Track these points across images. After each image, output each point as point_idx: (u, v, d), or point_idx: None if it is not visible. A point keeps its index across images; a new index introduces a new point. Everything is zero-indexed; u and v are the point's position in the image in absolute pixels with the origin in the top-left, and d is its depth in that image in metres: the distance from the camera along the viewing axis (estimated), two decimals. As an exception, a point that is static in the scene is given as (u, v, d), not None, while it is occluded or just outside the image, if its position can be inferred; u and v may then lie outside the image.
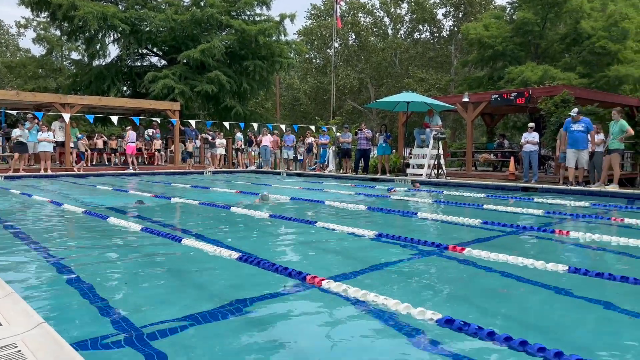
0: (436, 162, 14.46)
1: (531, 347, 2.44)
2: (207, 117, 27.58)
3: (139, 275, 4.02)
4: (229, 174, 18.84)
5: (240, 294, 3.45)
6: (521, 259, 4.33)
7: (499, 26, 25.31)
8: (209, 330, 2.79)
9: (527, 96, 14.23)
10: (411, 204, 9.10)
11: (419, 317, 2.89)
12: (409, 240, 5.23)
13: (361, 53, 42.48)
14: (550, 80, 18.95)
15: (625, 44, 22.24)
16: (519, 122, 24.62)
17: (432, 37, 44.33)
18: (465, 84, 26.99)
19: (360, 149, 16.73)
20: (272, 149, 20.33)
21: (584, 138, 11.60)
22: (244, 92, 27.30)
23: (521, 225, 6.37)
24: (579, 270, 4.01)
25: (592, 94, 15.87)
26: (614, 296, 3.51)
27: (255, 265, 4.15)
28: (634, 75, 21.18)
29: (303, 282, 3.65)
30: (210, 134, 20.71)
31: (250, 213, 7.43)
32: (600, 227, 6.64)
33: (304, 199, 9.64)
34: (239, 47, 26.48)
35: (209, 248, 4.75)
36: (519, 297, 3.63)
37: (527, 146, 13.07)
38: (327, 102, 39.58)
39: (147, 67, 28.73)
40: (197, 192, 11.45)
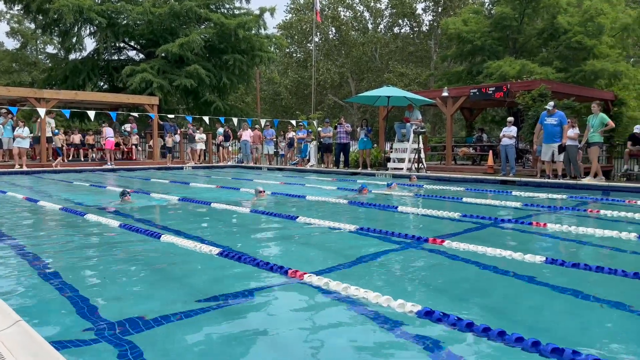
0: (416, 156, 14.56)
1: (509, 337, 2.48)
2: (187, 111, 27.33)
3: (117, 272, 3.97)
4: (210, 169, 18.70)
5: (220, 289, 3.44)
6: (499, 250, 4.40)
7: (477, 21, 25.52)
8: (189, 325, 2.77)
9: (505, 90, 14.39)
10: (391, 198, 9.15)
11: (399, 309, 2.92)
12: (389, 234, 5.27)
13: (342, 47, 42.44)
14: (527, 75, 19.18)
15: (600, 39, 22.64)
16: (498, 117, 24.91)
17: (412, 31, 44.50)
18: (444, 79, 27.18)
19: (339, 143, 16.73)
20: (252, 144, 20.22)
21: (558, 132, 11.73)
22: (223, 86, 27.09)
23: (499, 218, 6.46)
24: (555, 261, 4.09)
25: (568, 88, 16.13)
26: (589, 286, 3.59)
27: (236, 261, 4.13)
28: (608, 70, 21.58)
29: (285, 277, 3.65)
30: (191, 128, 20.51)
31: (231, 208, 7.39)
32: (576, 219, 6.77)
33: (285, 193, 9.62)
34: (218, 41, 26.24)
35: (189, 244, 4.71)
36: (497, 288, 3.69)
37: (504, 140, 13.23)
38: (308, 96, 39.49)
39: (124, 61, 28.29)
40: (177, 188, 11.34)
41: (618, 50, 24.10)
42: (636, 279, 3.65)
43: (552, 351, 2.32)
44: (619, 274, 3.76)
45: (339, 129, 16.65)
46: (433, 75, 33.37)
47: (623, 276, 3.72)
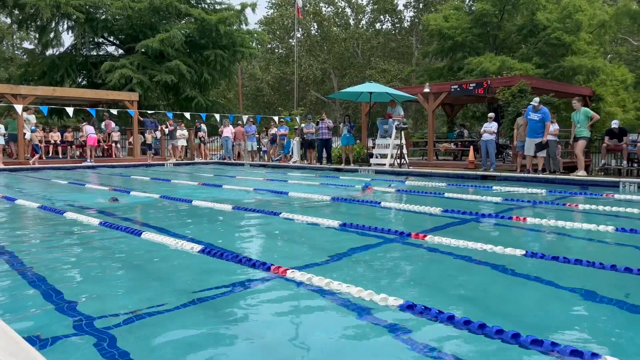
0: (399, 152, 14.64)
1: (489, 329, 2.51)
2: (167, 107, 27.03)
3: (97, 269, 3.91)
4: (191, 166, 18.54)
5: (202, 286, 3.41)
6: (480, 244, 4.44)
7: (458, 17, 25.71)
8: (170, 322, 2.75)
9: (485, 86, 14.53)
10: (375, 194, 9.18)
11: (382, 303, 2.93)
12: (372, 229, 5.29)
13: (324, 43, 42.42)
14: (507, 71, 19.41)
15: (578, 35, 22.99)
16: (478, 112, 25.17)
17: (394, 27, 44.67)
18: (426, 75, 27.36)
19: (321, 139, 16.70)
20: (235, 140, 20.09)
21: (540, 127, 11.86)
22: (204, 82, 26.85)
23: (480, 212, 6.53)
24: (535, 254, 4.15)
25: (547, 84, 16.35)
26: (569, 278, 3.65)
27: (218, 258, 4.11)
28: (586, 66, 21.95)
29: (267, 273, 3.64)
30: (172, 124, 20.29)
31: (212, 205, 7.34)
32: (555, 213, 6.88)
33: (267, 190, 9.59)
34: (199, 36, 25.98)
35: (170, 241, 4.67)
36: (478, 282, 3.73)
37: (484, 135, 13.37)
38: (290, 92, 39.39)
39: (103, 57, 27.84)
40: (158, 185, 11.23)
41: (596, 47, 24.52)
42: (613, 271, 3.72)
43: (532, 342, 2.36)
44: (597, 266, 3.83)
45: (320, 125, 16.62)
46: (415, 71, 33.54)
47: (601, 268, 3.80)
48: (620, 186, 9.79)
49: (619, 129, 12.70)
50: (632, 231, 5.21)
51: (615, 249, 4.78)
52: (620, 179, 10.49)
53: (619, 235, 5.15)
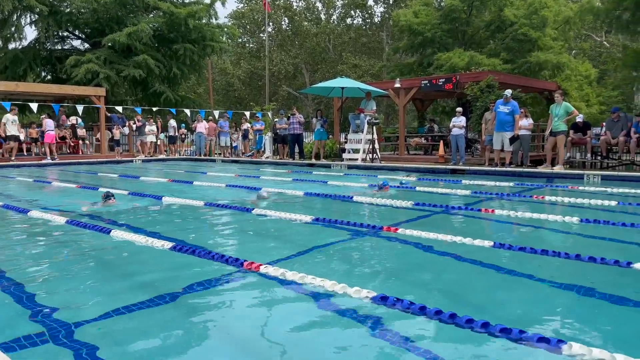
0: (371, 146, 14.73)
1: (460, 319, 2.56)
2: (135, 102, 26.51)
3: (65, 269, 3.82)
4: (161, 162, 18.26)
5: (175, 283, 3.37)
6: (450, 236, 4.53)
7: (428, 13, 25.96)
8: (142, 322, 2.71)
9: (454, 82, 14.74)
10: (346, 188, 9.24)
11: (355, 296, 2.96)
12: (345, 223, 5.32)
13: (295, 38, 42.28)
14: (476, 66, 19.72)
15: (544, 31, 23.52)
16: (448, 107, 25.50)
17: (364, 23, 44.84)
18: (397, 70, 27.56)
19: (293, 134, 16.63)
20: (207, 136, 19.87)
21: (509, 121, 12.08)
22: (174, 76, 26.43)
23: (450, 205, 6.64)
24: (503, 245, 4.26)
25: (514, 79, 16.69)
26: (535, 268, 3.76)
27: (190, 254, 4.07)
28: (552, 62, 22.49)
29: (240, 268, 3.62)
30: (141, 120, 19.90)
31: (183, 202, 7.25)
32: (522, 205, 7.05)
33: (240, 186, 9.53)
34: (167, 30, 25.54)
35: (141, 239, 4.60)
36: (449, 272, 3.80)
37: (454, 130, 13.56)
38: (262, 87, 39.16)
39: (68, 51, 27.10)
40: (127, 182, 11.02)
41: (561, 43, 25.14)
42: (578, 260, 3.84)
43: (501, 331, 2.42)
44: (562, 256, 3.95)
45: (292, 120, 16.55)
46: (385, 66, 33.77)
47: (566, 258, 3.92)
48: (584, 178, 10.10)
49: (583, 123, 13.06)
50: (595, 222, 5.39)
51: (580, 239, 4.94)
52: (584, 171, 10.80)
53: (583, 226, 5.32)
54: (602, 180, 9.84)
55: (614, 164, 12.48)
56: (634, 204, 6.96)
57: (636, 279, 3.47)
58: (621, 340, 2.52)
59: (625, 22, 15.02)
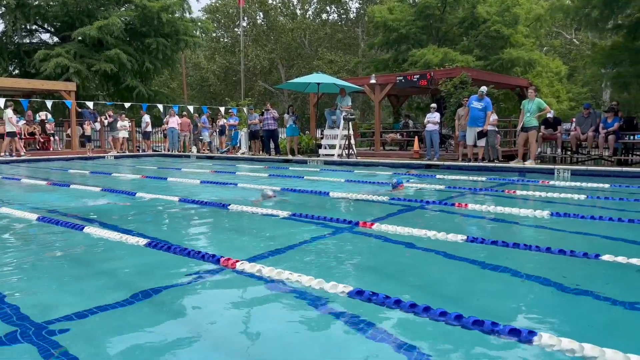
0: (347, 142, 14.78)
1: (434, 312, 2.61)
2: (107, 97, 25.99)
3: (35, 267, 3.74)
4: (134, 158, 17.98)
5: (150, 280, 3.34)
6: (425, 231, 4.58)
7: (402, 10, 26.12)
8: (116, 320, 2.68)
9: (429, 78, 14.89)
10: (324, 184, 9.26)
11: (332, 291, 2.98)
12: (321, 219, 5.34)
13: (270, 33, 42.01)
14: (450, 63, 19.94)
15: (516, 28, 23.93)
16: (422, 103, 25.76)
17: (340, 19, 44.84)
18: (372, 66, 27.68)
19: (268, 130, 16.53)
20: (181, 132, 19.62)
21: (482, 117, 12.27)
22: (146, 71, 25.98)
23: (425, 200, 6.72)
24: (476, 239, 4.33)
25: (487, 75, 16.94)
26: (507, 261, 3.84)
27: (166, 251, 4.03)
28: (524, 58, 22.91)
29: (217, 265, 3.60)
30: (112, 115, 19.52)
31: (158, 198, 7.16)
32: (495, 199, 7.17)
33: (216, 182, 9.46)
34: (140, 24, 25.07)
35: (114, 235, 4.53)
36: (423, 266, 3.86)
37: (428, 126, 13.72)
38: (237, 82, 38.83)
39: (37, 45, 26.35)
40: (99, 179, 10.82)
41: (532, 40, 25.62)
42: (548, 253, 3.94)
43: (474, 323, 2.47)
44: (533, 249, 4.04)
45: (266, 116, 16.44)
46: (361, 62, 33.86)
47: (537, 251, 4.01)
48: (555, 173, 10.34)
49: (553, 119, 13.36)
50: (565, 215, 5.53)
51: (550, 233, 5.06)
52: (555, 166, 11.06)
53: (553, 220, 5.45)
54: (571, 174, 10.09)
55: (583, 159, 12.81)
56: (602, 198, 7.16)
57: (604, 270, 3.57)
58: (589, 330, 2.60)
59: (594, 20, 15.38)
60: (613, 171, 10.27)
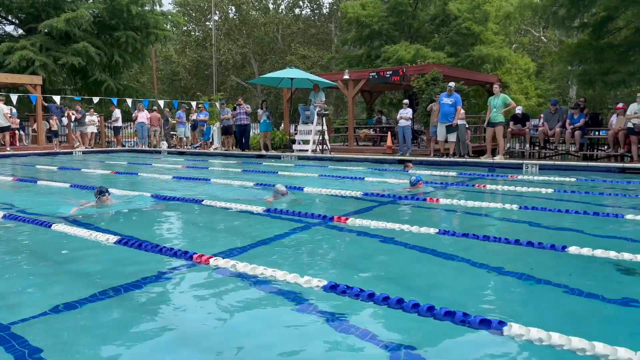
0: (321, 138, 14.79)
1: (406, 304, 2.64)
2: (75, 92, 25.35)
3: (3, 265, 3.63)
4: (103, 154, 17.60)
5: (119, 278, 3.28)
6: (398, 224, 4.64)
7: (375, 5, 26.20)
8: (87, 319, 2.63)
9: (401, 74, 15.01)
10: (298, 179, 9.25)
11: (306, 285, 2.99)
12: (296, 214, 5.34)
13: (243, 27, 41.60)
14: (421, 59, 20.11)
15: (486, 25, 24.28)
16: (395, 99, 25.95)
17: (313, 14, 44.75)
18: (345, 62, 27.70)
19: (240, 125, 16.39)
20: (151, 127, 19.28)
21: (452, 112, 12.45)
22: (115, 65, 25.43)
23: (397, 195, 6.79)
24: (447, 232, 4.41)
25: (458, 72, 17.18)
26: (478, 254, 3.92)
27: (137, 248, 3.96)
28: (493, 55, 23.28)
29: (190, 261, 3.57)
30: (80, 110, 19.04)
31: (128, 194, 7.04)
32: (465, 193, 7.30)
33: (188, 177, 9.35)
34: (108, 17, 24.50)
35: (84, 232, 4.43)
36: (397, 260, 3.90)
37: (401, 121, 13.83)
38: (209, 77, 38.37)
39: (1, 37, 25.50)
40: (67, 174, 10.56)
41: (502, 37, 26.04)
42: (517, 245, 4.03)
43: (445, 314, 2.51)
44: (502, 242, 4.14)
45: (238, 111, 16.29)
46: (334, 58, 33.87)
47: (506, 243, 4.11)
48: (523, 168, 10.57)
49: (522, 115, 13.64)
50: (533, 209, 5.67)
51: (519, 226, 5.18)
52: (523, 161, 11.31)
53: (522, 213, 5.58)
54: (539, 169, 10.34)
55: (551, 154, 13.13)
56: (569, 192, 7.36)
57: (571, 262, 3.68)
58: (557, 319, 2.68)
59: (561, 18, 15.74)
60: (579, 166, 10.57)
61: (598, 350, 2.12)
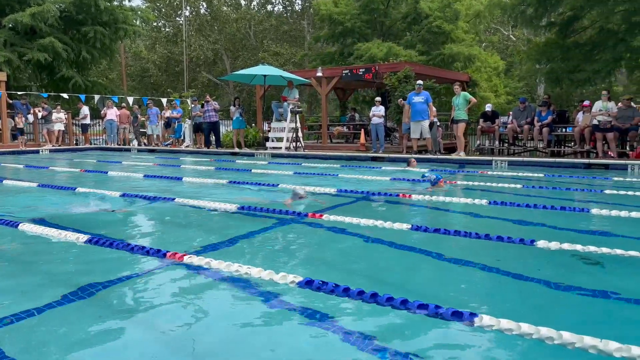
0: (294, 135, 14.77)
1: (381, 298, 2.68)
2: (41, 89, 24.67)
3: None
4: (71, 152, 17.20)
5: (90, 277, 3.22)
6: (371, 220, 4.68)
7: (347, 3, 26.25)
8: (57, 320, 2.57)
9: (374, 72, 15.10)
10: (272, 177, 9.23)
11: (282, 282, 2.99)
12: (271, 211, 5.33)
13: (214, 23, 41.15)
14: (394, 57, 20.27)
15: (457, 24, 24.63)
16: (368, 97, 26.09)
17: (285, 10, 44.58)
18: (318, 59, 27.69)
19: (209, 122, 16.20)
20: (120, 124, 18.91)
21: (425, 110, 12.62)
22: (83, 61, 24.82)
23: (371, 191, 6.85)
24: (419, 227, 4.47)
25: (429, 70, 17.39)
26: (449, 248, 3.99)
27: (108, 247, 3.90)
28: (464, 54, 23.63)
29: (163, 260, 3.53)
30: (47, 107, 18.53)
31: (98, 193, 6.91)
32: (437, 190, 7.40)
33: (159, 176, 9.22)
34: (76, 12, 23.89)
35: (52, 232, 4.33)
36: (371, 255, 3.94)
37: (373, 119, 13.93)
38: (179, 73, 37.81)
39: (-39, 31, 24.58)
40: (34, 173, 10.29)
41: (472, 36, 26.46)
42: (487, 239, 4.12)
43: (419, 307, 2.56)
44: (472, 237, 4.22)
45: (206, 108, 16.10)
46: (307, 55, 33.83)
47: (476, 238, 4.19)
48: (492, 164, 10.79)
49: (491, 112, 13.92)
50: (502, 204, 5.79)
51: (489, 221, 5.30)
52: (492, 157, 11.55)
53: (492, 208, 5.70)
54: (508, 165, 10.58)
55: (519, 150, 13.43)
56: (536, 187, 7.55)
57: (539, 256, 3.78)
58: (526, 310, 2.76)
59: (529, 17, 16.08)
60: (547, 162, 10.85)
61: (565, 338, 2.19)
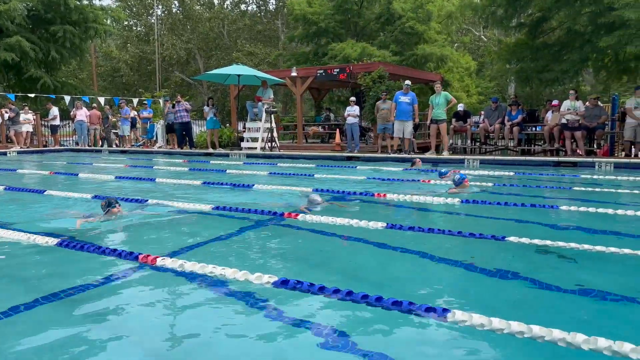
0: (269, 135, 14.72)
1: (356, 295, 2.70)
2: (8, 89, 24.01)
3: None
4: (40, 154, 16.78)
5: (62, 281, 3.16)
6: (347, 219, 4.71)
7: (321, 3, 26.29)
8: (23, 326, 2.51)
9: (348, 72, 15.16)
10: (247, 177, 9.18)
11: (257, 282, 2.99)
12: (246, 211, 5.31)
13: (187, 22, 40.68)
14: (368, 58, 20.38)
15: (429, 25, 24.90)
16: (343, 97, 26.18)
17: (259, 10, 44.39)
18: (293, 59, 27.65)
19: (181, 122, 16.01)
20: (90, 125, 18.53)
21: (410, 110, 12.74)
22: (52, 61, 24.25)
23: (347, 191, 6.88)
24: (395, 225, 4.52)
25: (403, 70, 17.56)
26: (424, 246, 4.04)
27: (79, 250, 3.82)
28: (436, 54, 23.93)
29: (135, 262, 3.48)
30: (14, 108, 18.04)
31: (67, 195, 6.76)
32: (411, 188, 7.49)
33: (132, 177, 9.08)
34: (44, 10, 23.33)
35: (21, 236, 4.22)
36: (347, 253, 3.97)
37: (348, 119, 13.99)
38: (152, 73, 37.27)
39: None
40: (0, 176, 10.00)
41: (444, 36, 26.80)
42: (460, 236, 4.19)
43: (393, 304, 2.59)
44: (446, 233, 4.29)
45: (177, 108, 15.91)
46: (282, 55, 33.75)
47: (450, 235, 4.26)
48: (465, 163, 10.96)
49: (463, 112, 14.13)
50: (474, 202, 5.89)
51: (461, 218, 5.38)
52: (465, 156, 11.73)
53: (464, 206, 5.79)
54: (480, 164, 10.76)
55: (491, 149, 13.67)
56: (507, 185, 7.70)
57: (510, 251, 3.86)
58: (497, 305, 2.82)
59: (499, 18, 16.36)
60: (517, 160, 11.08)
61: (535, 332, 2.25)
